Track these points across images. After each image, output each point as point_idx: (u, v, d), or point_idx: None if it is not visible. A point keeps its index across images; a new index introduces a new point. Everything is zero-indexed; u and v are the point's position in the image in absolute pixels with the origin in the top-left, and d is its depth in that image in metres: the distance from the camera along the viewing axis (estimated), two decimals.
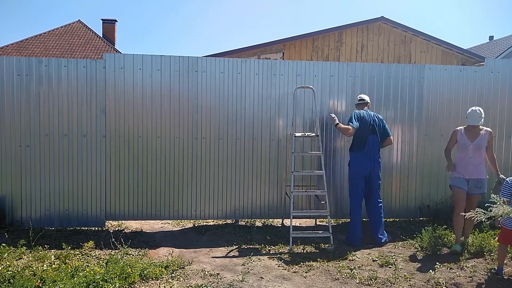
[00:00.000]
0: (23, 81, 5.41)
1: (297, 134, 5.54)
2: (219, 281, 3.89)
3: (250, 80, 5.78)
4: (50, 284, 3.49)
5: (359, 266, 4.32)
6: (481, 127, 4.89)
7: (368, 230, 5.34)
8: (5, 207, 5.45)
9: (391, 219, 6.23)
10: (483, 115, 4.90)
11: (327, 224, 6.20)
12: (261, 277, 3.99)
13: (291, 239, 4.91)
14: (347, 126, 5.12)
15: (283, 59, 12.29)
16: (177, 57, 5.64)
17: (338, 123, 5.19)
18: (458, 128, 5.03)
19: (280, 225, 6.07)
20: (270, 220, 6.21)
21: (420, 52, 13.09)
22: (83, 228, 5.64)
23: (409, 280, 3.94)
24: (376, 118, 5.27)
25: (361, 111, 5.29)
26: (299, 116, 5.86)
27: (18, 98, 5.41)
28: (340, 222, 6.24)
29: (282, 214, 5.96)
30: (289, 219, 5.13)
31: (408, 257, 4.65)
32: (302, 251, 4.84)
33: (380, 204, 5.28)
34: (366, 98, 5.49)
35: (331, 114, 5.33)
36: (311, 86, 5.66)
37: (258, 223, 6.12)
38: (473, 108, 4.91)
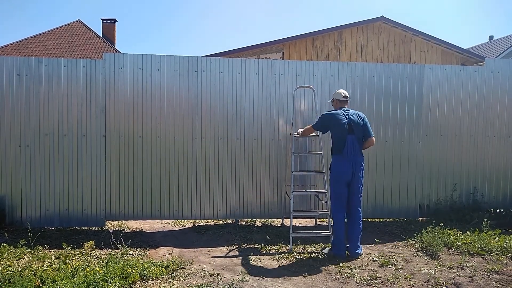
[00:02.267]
0: (23, 81, 5.41)
1: (297, 134, 5.54)
2: (219, 281, 3.89)
3: (250, 80, 5.78)
4: (50, 284, 3.49)
5: (359, 266, 4.32)
6: None
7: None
8: (5, 207, 5.45)
9: (391, 219, 6.24)
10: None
11: (327, 224, 6.21)
12: (261, 277, 3.99)
13: (291, 239, 4.91)
14: (308, 127, 5.09)
15: (283, 59, 12.28)
16: (177, 57, 5.63)
17: (299, 132, 5.28)
18: None
19: (280, 225, 6.07)
20: (270, 220, 6.21)
21: (420, 52, 13.08)
22: (83, 228, 5.64)
23: (409, 280, 3.94)
24: (355, 116, 4.68)
25: (337, 110, 4.79)
26: (299, 116, 5.86)
27: (18, 98, 5.41)
28: None
29: (282, 214, 5.96)
30: (289, 219, 5.13)
31: (408, 257, 4.64)
32: (302, 251, 4.84)
33: (360, 214, 4.69)
34: (344, 94, 4.91)
35: (295, 133, 5.45)
36: (311, 86, 5.66)
37: (258, 223, 6.12)
38: None
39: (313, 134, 5.35)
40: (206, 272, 4.10)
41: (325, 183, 5.28)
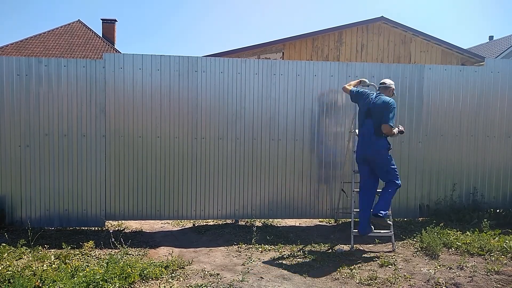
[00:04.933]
0: (23, 81, 5.41)
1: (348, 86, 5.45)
2: (219, 281, 3.89)
3: (250, 80, 5.78)
4: (50, 284, 3.49)
5: (359, 266, 4.33)
6: None
7: None
8: (5, 207, 5.45)
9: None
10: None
11: (326, 224, 6.21)
12: (261, 277, 3.99)
13: (352, 237, 4.97)
14: (348, 88, 5.34)
15: (283, 59, 12.28)
16: (177, 57, 5.64)
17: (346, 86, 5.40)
18: None
19: (280, 225, 6.07)
20: (270, 220, 6.21)
21: (420, 52, 13.08)
22: (83, 228, 5.64)
23: (409, 280, 3.94)
24: (378, 102, 4.84)
25: (369, 92, 5.10)
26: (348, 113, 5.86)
27: (18, 98, 5.41)
28: (340, 222, 6.24)
29: (282, 214, 5.95)
30: (291, 219, 5.12)
31: (408, 257, 4.65)
32: (302, 251, 4.84)
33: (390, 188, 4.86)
34: (387, 82, 5.12)
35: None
36: (374, 84, 5.57)
37: (258, 223, 6.12)
38: None
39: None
40: (206, 272, 4.10)
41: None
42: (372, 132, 4.82)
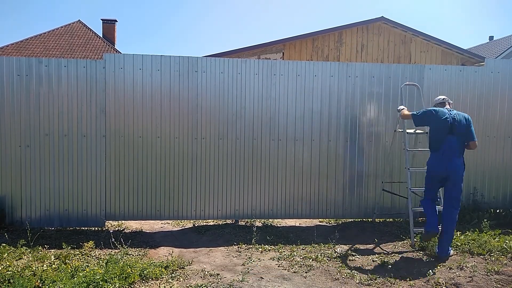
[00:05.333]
0: (23, 81, 5.41)
1: (409, 131, 5.44)
2: (219, 281, 3.89)
3: (250, 80, 5.78)
4: (50, 284, 3.49)
5: (359, 266, 4.32)
6: None
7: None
8: (5, 207, 5.45)
9: (391, 219, 6.24)
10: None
11: (326, 224, 6.22)
12: (261, 277, 3.99)
13: (412, 234, 5.01)
14: (408, 113, 5.07)
15: (283, 59, 12.29)
16: (177, 57, 5.64)
17: (402, 109, 5.22)
18: None
19: (280, 225, 6.07)
20: (270, 220, 6.21)
21: (420, 52, 13.08)
22: (83, 228, 5.64)
23: (409, 280, 3.94)
24: (459, 117, 4.66)
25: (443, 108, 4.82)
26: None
27: (18, 98, 5.41)
28: (340, 222, 6.24)
29: (282, 214, 5.95)
30: (290, 219, 5.12)
31: (408, 257, 4.64)
32: (302, 251, 4.84)
33: (454, 216, 4.63)
34: (442, 97, 5.05)
35: (399, 107, 5.37)
36: (416, 84, 5.73)
37: (258, 223, 6.12)
38: None
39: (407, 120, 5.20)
40: (206, 272, 4.10)
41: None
42: (457, 150, 4.61)
